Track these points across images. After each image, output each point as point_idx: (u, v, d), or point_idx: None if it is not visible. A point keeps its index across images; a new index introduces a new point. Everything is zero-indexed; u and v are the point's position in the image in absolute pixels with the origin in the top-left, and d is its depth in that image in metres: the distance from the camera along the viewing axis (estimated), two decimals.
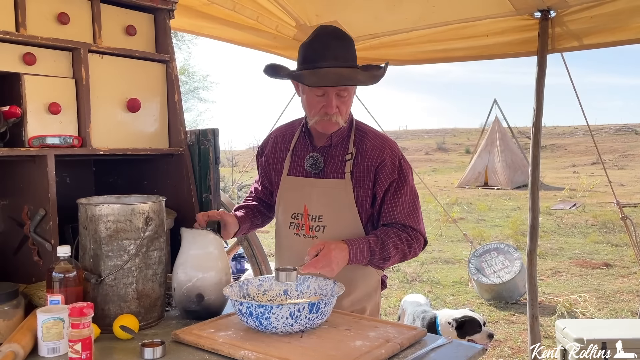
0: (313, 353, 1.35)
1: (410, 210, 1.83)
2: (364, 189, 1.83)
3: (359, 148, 1.85)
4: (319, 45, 1.75)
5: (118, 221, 1.58)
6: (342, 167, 1.85)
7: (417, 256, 1.89)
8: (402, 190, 1.83)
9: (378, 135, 1.90)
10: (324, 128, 1.84)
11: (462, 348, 1.45)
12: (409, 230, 1.82)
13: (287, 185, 1.95)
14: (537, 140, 3.22)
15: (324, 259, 1.62)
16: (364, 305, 1.92)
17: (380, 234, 1.78)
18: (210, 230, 1.71)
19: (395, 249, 1.77)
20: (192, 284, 1.66)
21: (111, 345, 1.50)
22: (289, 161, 1.96)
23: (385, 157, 1.83)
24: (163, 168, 2.18)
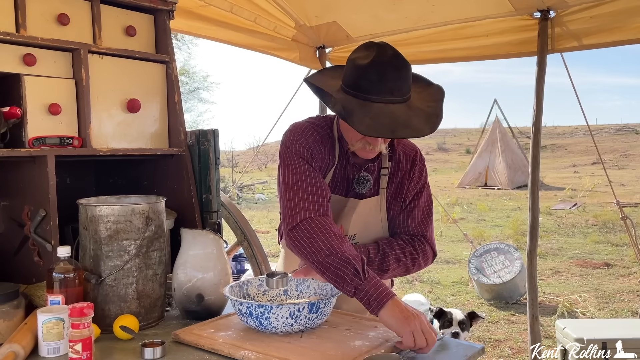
0: (313, 353, 1.35)
1: (423, 217, 1.75)
2: (396, 202, 1.75)
3: (393, 160, 1.74)
4: (374, 75, 1.48)
5: (118, 221, 1.58)
6: (378, 183, 1.74)
7: (423, 269, 1.80)
8: (420, 197, 1.75)
9: (405, 141, 1.78)
10: (364, 155, 1.67)
11: (462, 348, 1.45)
12: (416, 241, 1.72)
13: None
14: (537, 140, 3.22)
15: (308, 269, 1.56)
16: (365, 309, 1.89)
17: (383, 244, 1.68)
18: (210, 231, 1.71)
19: (396, 262, 1.68)
20: (192, 284, 1.66)
21: (111, 346, 1.50)
22: (332, 176, 1.72)
23: (416, 165, 1.75)
24: (163, 168, 2.18)
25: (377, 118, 1.46)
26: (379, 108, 1.48)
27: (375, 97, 1.48)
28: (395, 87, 1.49)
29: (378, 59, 1.49)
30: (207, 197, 2.11)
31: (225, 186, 15.43)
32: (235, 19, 3.40)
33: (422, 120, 1.50)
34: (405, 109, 1.50)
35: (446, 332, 3.64)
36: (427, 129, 1.48)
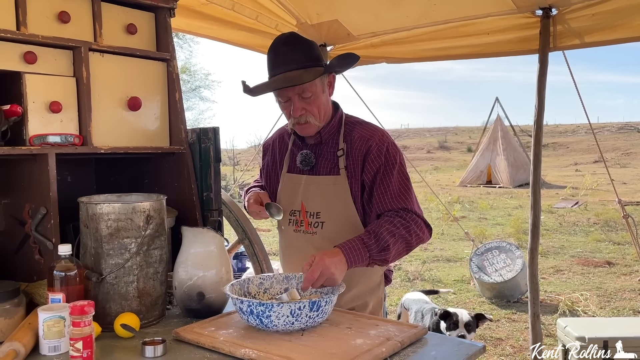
0: (314, 351, 1.35)
1: (400, 192, 1.80)
2: (355, 181, 1.85)
3: (348, 142, 1.88)
4: (271, 55, 1.84)
5: (119, 220, 1.58)
6: (336, 163, 1.88)
7: (426, 242, 1.85)
8: (390, 175, 1.81)
9: (367, 126, 1.92)
10: (300, 131, 1.90)
11: (463, 347, 1.44)
12: (401, 212, 1.77)
13: (286, 182, 2.00)
14: (538, 139, 3.22)
15: (318, 267, 1.57)
16: (365, 301, 1.92)
17: (371, 227, 1.74)
18: (211, 229, 1.71)
19: (391, 236, 1.70)
20: (193, 283, 1.66)
21: (112, 344, 1.50)
22: (288, 159, 2.01)
23: (372, 144, 1.84)
24: (164, 167, 2.18)
25: (272, 83, 1.81)
26: (276, 77, 1.80)
27: (274, 72, 1.81)
28: (289, 59, 1.79)
29: (274, 43, 1.84)
30: (207, 195, 2.11)
31: (227, 184, 15.43)
32: (237, 17, 3.40)
33: (310, 75, 1.76)
34: (300, 72, 1.77)
35: (452, 334, 3.53)
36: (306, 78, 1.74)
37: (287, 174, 2.00)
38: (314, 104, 1.82)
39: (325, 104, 1.87)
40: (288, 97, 1.82)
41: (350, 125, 1.92)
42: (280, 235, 2.04)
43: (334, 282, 1.60)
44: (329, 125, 1.91)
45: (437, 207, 11.48)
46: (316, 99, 1.82)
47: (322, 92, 1.85)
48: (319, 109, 1.84)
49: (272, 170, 2.08)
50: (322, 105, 1.85)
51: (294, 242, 1.93)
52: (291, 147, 2.02)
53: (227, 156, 23.13)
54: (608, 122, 34.95)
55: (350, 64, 1.85)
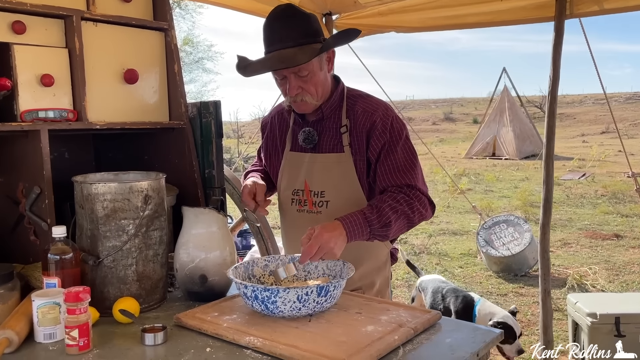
0: (322, 339, 1.27)
1: (405, 168, 1.73)
2: (360, 157, 1.77)
3: (351, 117, 1.79)
4: (266, 31, 1.73)
5: (115, 200, 1.49)
6: (339, 140, 1.79)
7: (428, 219, 1.77)
8: (395, 150, 1.74)
9: (370, 100, 1.82)
10: (297, 109, 1.81)
11: (480, 333, 1.37)
12: (405, 189, 1.70)
13: (288, 161, 1.91)
14: (552, 110, 3.10)
15: (316, 241, 1.51)
16: (372, 279, 1.87)
17: (374, 202, 1.67)
18: (213, 209, 1.62)
19: (394, 212, 1.64)
20: (195, 265, 1.58)
21: (111, 330, 1.43)
22: (291, 137, 1.92)
23: (376, 119, 1.75)
24: (164, 143, 2.09)
25: (265, 62, 1.71)
26: (271, 55, 1.70)
27: (269, 49, 1.71)
28: (283, 35, 1.68)
29: (269, 17, 1.73)
30: (209, 172, 2.02)
31: (231, 157, 15.36)
32: None
33: (306, 55, 1.65)
34: (295, 50, 1.66)
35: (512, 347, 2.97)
36: (306, 58, 1.64)
37: (289, 153, 1.91)
38: (310, 83, 1.72)
39: (323, 81, 1.76)
40: (284, 75, 1.72)
41: (353, 99, 1.83)
42: (282, 214, 1.95)
43: (333, 256, 1.55)
44: (330, 101, 1.81)
45: (443, 179, 11.38)
46: (313, 76, 1.72)
47: (320, 69, 1.74)
48: (316, 87, 1.74)
49: (273, 149, 1.99)
50: (320, 83, 1.75)
51: (297, 222, 1.85)
52: (292, 125, 1.92)
53: (232, 129, 22.99)
54: (615, 93, 34.42)
55: (350, 40, 1.74)
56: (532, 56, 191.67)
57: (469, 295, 3.34)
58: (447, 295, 3.41)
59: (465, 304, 3.29)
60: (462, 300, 3.31)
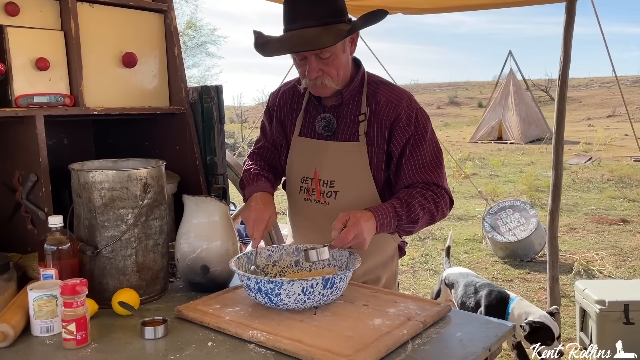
0: (328, 334, 1.23)
1: (432, 166, 1.66)
2: (378, 150, 1.67)
3: (372, 105, 1.68)
4: (287, 6, 1.60)
5: (113, 189, 1.44)
6: (356, 129, 1.69)
7: (445, 217, 1.73)
8: (421, 145, 1.66)
9: (393, 89, 1.72)
10: (315, 92, 1.70)
11: (491, 326, 1.32)
12: (433, 187, 1.65)
13: (298, 147, 1.79)
14: (562, 94, 3.03)
15: (354, 229, 1.44)
16: (378, 275, 1.79)
17: (404, 196, 1.61)
18: (215, 197, 1.57)
19: (422, 210, 1.59)
20: (197, 255, 1.54)
21: (110, 322, 1.39)
22: (301, 121, 1.79)
23: (401, 111, 1.66)
24: (164, 128, 2.04)
25: (285, 42, 1.58)
26: (291, 34, 1.57)
27: (290, 26, 1.58)
28: (307, 13, 1.56)
29: None
30: (211, 159, 1.97)
31: (235, 142, 15.30)
32: None
33: (330, 37, 1.52)
34: (319, 30, 1.54)
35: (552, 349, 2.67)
36: (331, 41, 1.51)
37: (299, 138, 1.79)
38: (332, 65, 1.61)
39: (345, 64, 1.65)
40: (304, 55, 1.59)
41: (374, 85, 1.71)
42: (290, 201, 1.87)
43: (363, 246, 1.49)
44: (351, 86, 1.69)
45: (447, 164, 11.19)
46: (335, 59, 1.61)
47: (343, 51, 1.62)
48: (338, 70, 1.63)
49: (280, 132, 1.86)
50: (342, 66, 1.64)
51: (304, 211, 1.78)
52: (305, 107, 1.79)
53: (235, 113, 22.90)
54: (622, 75, 34.01)
55: (377, 21, 1.61)
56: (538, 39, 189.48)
57: (503, 292, 3.10)
58: (480, 289, 3.14)
59: (498, 300, 3.03)
60: (496, 296, 3.05)
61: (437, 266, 5.40)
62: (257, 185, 1.73)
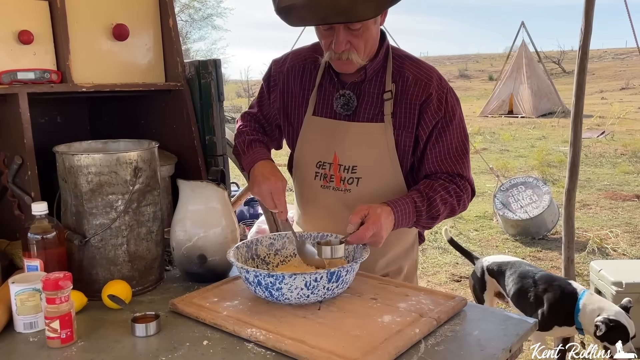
0: (333, 333, 1.12)
1: (458, 154, 1.52)
2: (406, 133, 1.51)
3: (398, 82, 1.51)
4: None
5: (101, 173, 1.33)
6: (381, 108, 1.52)
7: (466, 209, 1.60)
8: (448, 131, 1.51)
9: (420, 65, 1.54)
10: (338, 68, 1.51)
11: (511, 323, 1.21)
12: (457, 179, 1.51)
13: (313, 128, 1.60)
14: (583, 66, 2.87)
15: (374, 226, 1.32)
16: (400, 265, 1.66)
17: (425, 189, 1.47)
18: (212, 182, 1.46)
19: (443, 204, 1.47)
20: (193, 244, 1.43)
21: (100, 317, 1.30)
22: (315, 98, 1.60)
23: (432, 91, 1.49)
24: (160, 106, 1.92)
25: (311, 8, 1.30)
26: None
27: None
28: None
29: None
30: (210, 139, 1.85)
31: None
32: None
33: (371, 6, 1.30)
34: None
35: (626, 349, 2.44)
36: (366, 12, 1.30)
37: (313, 117, 1.59)
38: (361, 38, 1.42)
39: (374, 37, 1.46)
40: (331, 25, 1.40)
41: (399, 60, 1.54)
42: (301, 188, 1.69)
43: (377, 245, 1.37)
44: (375, 60, 1.51)
45: None
46: (365, 31, 1.42)
47: (374, 22, 1.44)
48: (367, 43, 1.44)
49: (290, 109, 1.65)
50: (371, 39, 1.45)
51: (320, 198, 1.61)
52: (321, 83, 1.59)
53: (242, 87, 22.69)
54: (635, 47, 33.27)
55: None
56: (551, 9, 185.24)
57: (569, 286, 2.70)
58: (540, 282, 2.74)
59: (565, 295, 2.66)
60: (561, 290, 2.67)
61: (445, 244, 5.28)
62: (254, 152, 1.58)
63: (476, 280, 3.06)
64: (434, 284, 4.44)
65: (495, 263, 2.97)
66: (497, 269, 2.94)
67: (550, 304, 2.64)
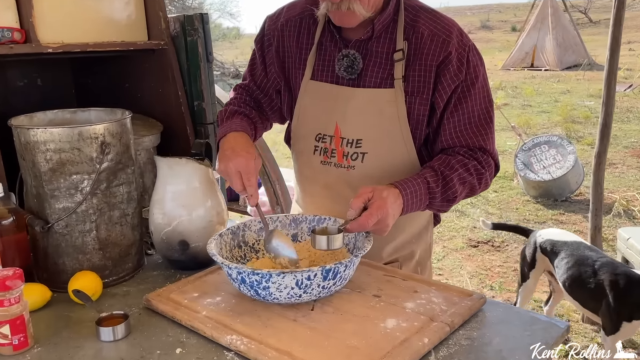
0: (326, 342, 0.95)
1: (481, 124, 1.30)
2: (420, 99, 1.29)
3: (412, 39, 1.28)
4: None
5: (61, 150, 1.15)
6: (390, 71, 1.29)
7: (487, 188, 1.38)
8: (469, 97, 1.28)
9: (437, 18, 1.30)
10: (338, 21, 1.26)
11: (539, 328, 1.03)
12: (479, 153, 1.29)
13: (311, 94, 1.38)
14: (619, 17, 2.58)
15: (378, 212, 1.11)
16: (411, 250, 1.46)
17: (440, 167, 1.25)
18: (193, 159, 1.27)
19: (462, 184, 1.26)
20: (173, 229, 1.26)
21: (66, 314, 1.14)
22: (314, 59, 1.37)
23: (452, 49, 1.25)
24: (144, 68, 1.72)
25: None
26: None
27: None
28: None
29: None
30: (199, 104, 1.66)
31: None
32: None
33: None
34: None
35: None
36: None
37: (311, 82, 1.37)
38: None
39: None
40: None
41: (412, 12, 1.30)
42: (300, 164, 1.48)
43: (383, 233, 1.17)
44: (384, 13, 1.28)
45: None
46: None
47: None
48: None
49: (288, 73, 1.43)
50: None
51: (319, 176, 1.40)
52: (320, 42, 1.36)
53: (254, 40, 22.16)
54: None
55: None
56: None
57: (635, 275, 2.32)
58: (602, 270, 2.37)
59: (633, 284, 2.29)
60: (627, 279, 2.30)
61: (463, 206, 5.10)
62: (231, 123, 1.34)
63: (527, 255, 2.75)
64: (450, 249, 4.27)
65: (549, 241, 2.62)
66: (551, 249, 2.60)
67: (616, 298, 2.30)
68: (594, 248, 2.55)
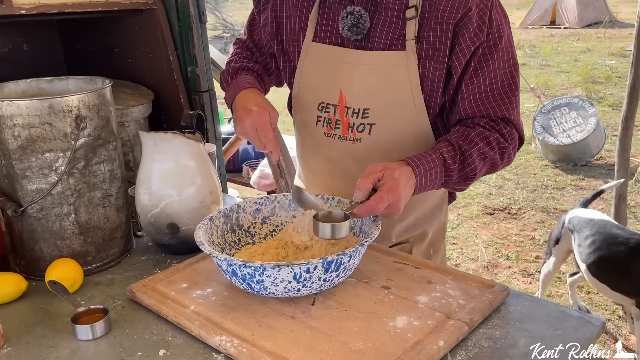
0: (327, 345, 0.84)
1: (504, 91, 1.14)
2: (435, 63, 1.14)
3: None
4: None
5: (31, 125, 1.03)
6: (402, 30, 1.15)
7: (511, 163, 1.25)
8: (492, 60, 1.12)
9: None
10: None
11: (571, 325, 0.90)
12: (501, 125, 1.15)
13: (313, 59, 1.25)
14: None
15: (389, 195, 0.98)
16: (424, 230, 1.34)
17: (458, 140, 1.11)
18: (180, 133, 1.14)
19: (482, 160, 1.12)
20: (160, 211, 1.14)
21: (42, 306, 1.04)
22: (316, 18, 1.24)
23: (471, 5, 1.09)
24: (134, 30, 1.58)
25: None
26: None
27: None
28: None
29: None
30: (192, 70, 1.51)
31: None
32: None
33: None
34: None
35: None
36: None
37: (313, 44, 1.24)
38: None
39: None
40: None
41: None
42: (301, 136, 1.35)
43: (393, 216, 1.04)
44: None
45: None
46: None
47: None
48: None
49: (285, 34, 1.30)
50: None
51: (323, 150, 1.27)
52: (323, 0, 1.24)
53: None
54: None
55: None
56: None
57: None
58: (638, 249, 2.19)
59: None
60: None
61: None
62: (238, 81, 1.25)
63: (554, 232, 2.63)
64: (465, 217, 4.14)
65: (576, 217, 2.47)
66: (576, 226, 2.44)
67: None
68: (621, 226, 2.36)
